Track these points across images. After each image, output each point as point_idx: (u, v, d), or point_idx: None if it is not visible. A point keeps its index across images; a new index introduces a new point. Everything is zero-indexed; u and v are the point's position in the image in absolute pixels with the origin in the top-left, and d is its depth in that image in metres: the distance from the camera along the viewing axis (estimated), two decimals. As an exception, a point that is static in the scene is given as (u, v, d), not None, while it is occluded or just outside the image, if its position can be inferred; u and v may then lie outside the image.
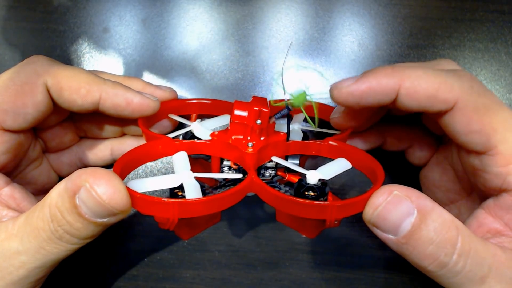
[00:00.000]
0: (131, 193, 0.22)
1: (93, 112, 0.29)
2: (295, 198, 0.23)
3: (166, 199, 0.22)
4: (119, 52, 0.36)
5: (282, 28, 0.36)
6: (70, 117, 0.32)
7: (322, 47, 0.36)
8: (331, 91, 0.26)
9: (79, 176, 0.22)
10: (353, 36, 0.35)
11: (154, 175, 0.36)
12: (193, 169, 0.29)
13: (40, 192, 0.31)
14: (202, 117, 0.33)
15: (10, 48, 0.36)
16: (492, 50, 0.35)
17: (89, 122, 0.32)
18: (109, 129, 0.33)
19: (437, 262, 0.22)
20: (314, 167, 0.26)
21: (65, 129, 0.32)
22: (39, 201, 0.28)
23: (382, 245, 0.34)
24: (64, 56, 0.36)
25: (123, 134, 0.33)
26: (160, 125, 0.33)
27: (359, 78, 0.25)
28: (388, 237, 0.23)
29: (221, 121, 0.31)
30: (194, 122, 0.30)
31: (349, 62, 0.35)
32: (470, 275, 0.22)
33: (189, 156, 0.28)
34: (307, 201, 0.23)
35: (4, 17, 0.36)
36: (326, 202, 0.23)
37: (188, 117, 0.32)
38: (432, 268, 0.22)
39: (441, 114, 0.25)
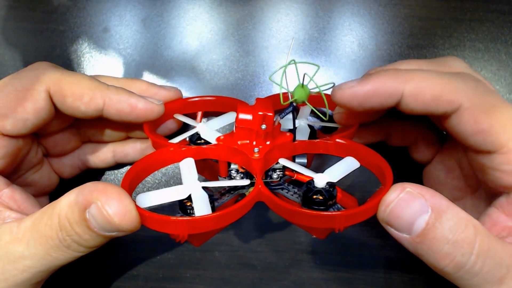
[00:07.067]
0: (140, 211, 0.23)
1: (97, 118, 0.29)
2: (303, 210, 0.23)
3: (174, 218, 0.23)
4: (119, 52, 0.36)
5: (282, 28, 0.36)
6: (74, 124, 0.31)
7: (322, 47, 0.36)
8: (334, 92, 0.25)
9: (90, 192, 0.22)
10: (353, 36, 0.35)
11: (159, 178, 0.36)
12: (202, 171, 0.28)
13: (40, 193, 0.31)
14: (207, 115, 0.33)
15: (10, 48, 0.36)
16: (492, 50, 0.35)
17: (93, 128, 0.32)
18: (113, 134, 0.32)
19: (454, 263, 0.22)
20: (322, 165, 0.26)
21: (68, 135, 0.31)
22: (39, 202, 0.28)
23: (382, 245, 0.35)
24: (64, 56, 0.36)
25: (127, 138, 0.33)
26: (166, 127, 0.33)
27: (363, 79, 0.25)
28: (402, 236, 0.23)
29: (226, 120, 0.31)
30: (200, 123, 0.30)
31: (349, 62, 0.35)
32: (488, 276, 0.22)
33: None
34: (315, 212, 0.23)
35: (4, 17, 0.36)
36: (334, 212, 0.23)
37: (193, 116, 0.32)
38: (449, 269, 0.22)
39: (446, 116, 0.25)
